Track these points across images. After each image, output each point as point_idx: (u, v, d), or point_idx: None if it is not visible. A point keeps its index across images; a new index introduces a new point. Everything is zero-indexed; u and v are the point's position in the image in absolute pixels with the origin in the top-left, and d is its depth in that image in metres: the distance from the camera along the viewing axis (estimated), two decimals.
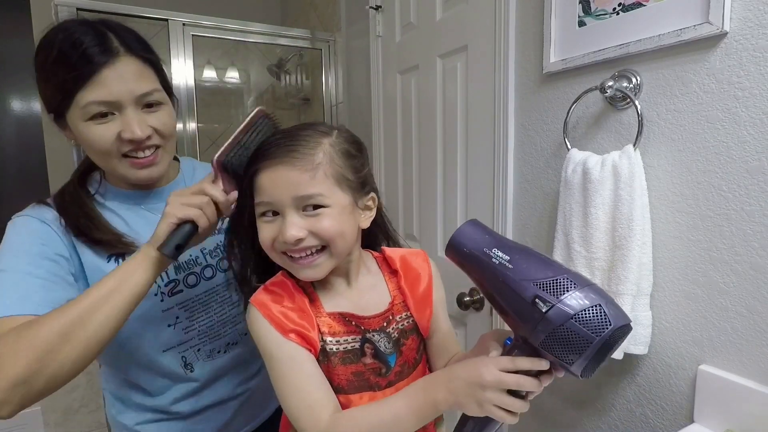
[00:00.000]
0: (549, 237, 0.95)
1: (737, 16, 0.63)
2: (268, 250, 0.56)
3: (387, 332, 0.60)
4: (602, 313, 0.43)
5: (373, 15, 1.58)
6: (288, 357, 0.55)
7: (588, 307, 0.43)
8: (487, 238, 0.51)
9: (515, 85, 1.02)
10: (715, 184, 0.67)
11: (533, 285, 0.45)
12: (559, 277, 0.45)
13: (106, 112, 0.63)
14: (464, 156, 1.21)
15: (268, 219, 0.55)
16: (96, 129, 0.63)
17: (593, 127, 0.85)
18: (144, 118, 0.65)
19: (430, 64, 1.31)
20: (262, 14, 2.72)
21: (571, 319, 0.43)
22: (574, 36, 0.85)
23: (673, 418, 0.75)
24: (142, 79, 0.65)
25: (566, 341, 0.44)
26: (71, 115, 0.64)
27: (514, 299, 0.47)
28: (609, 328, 0.43)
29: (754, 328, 0.64)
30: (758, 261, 0.63)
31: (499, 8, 1.03)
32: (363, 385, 0.57)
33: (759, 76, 0.62)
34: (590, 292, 0.45)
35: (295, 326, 0.55)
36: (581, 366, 0.45)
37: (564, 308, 0.44)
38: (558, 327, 0.44)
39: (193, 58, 1.64)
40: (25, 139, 2.22)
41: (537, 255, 0.50)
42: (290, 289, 0.58)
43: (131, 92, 0.63)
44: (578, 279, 0.46)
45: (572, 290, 0.44)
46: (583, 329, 0.43)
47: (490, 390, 0.47)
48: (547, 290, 0.45)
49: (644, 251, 0.73)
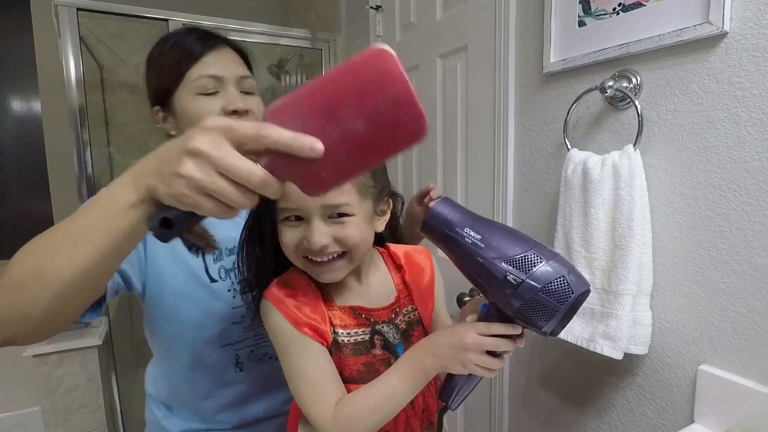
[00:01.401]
0: (549, 237, 0.95)
1: (737, 16, 0.63)
2: (290, 253, 0.57)
3: (395, 323, 0.63)
4: (565, 282, 0.49)
5: (373, 15, 1.58)
6: (302, 350, 0.57)
7: (553, 279, 0.49)
8: (458, 216, 0.54)
9: (515, 85, 1.02)
10: (715, 184, 0.67)
11: (504, 263, 0.50)
12: (527, 253, 0.50)
13: (212, 89, 0.72)
14: (464, 156, 1.21)
15: (292, 224, 0.56)
16: (203, 102, 0.72)
17: (593, 127, 0.85)
18: (246, 98, 0.75)
19: (430, 64, 1.31)
20: (262, 14, 2.71)
21: (539, 292, 0.48)
22: (574, 36, 0.85)
23: (673, 418, 0.75)
24: (240, 65, 0.77)
25: (536, 310, 0.49)
26: (180, 93, 0.72)
27: (487, 276, 0.51)
28: (572, 296, 0.48)
29: (754, 328, 0.64)
30: (758, 261, 0.63)
31: (499, 8, 1.03)
32: (373, 376, 0.59)
33: (759, 76, 0.62)
34: (555, 263, 0.50)
35: (308, 320, 0.57)
36: (550, 328, 0.51)
37: (532, 282, 0.49)
38: (528, 299, 0.49)
39: None
40: (25, 139, 2.22)
41: (506, 231, 0.53)
42: (303, 284, 0.60)
43: (233, 72, 0.74)
44: (544, 252, 0.50)
45: (539, 264, 0.49)
46: (549, 299, 0.48)
47: (471, 352, 0.52)
48: (517, 266, 0.50)
49: (644, 251, 0.73)
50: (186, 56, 0.72)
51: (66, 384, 1.45)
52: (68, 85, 1.40)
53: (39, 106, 2.20)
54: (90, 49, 2.11)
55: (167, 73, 0.73)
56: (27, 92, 2.21)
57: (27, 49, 2.15)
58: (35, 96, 2.20)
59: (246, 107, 0.73)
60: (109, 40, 2.36)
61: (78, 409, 1.48)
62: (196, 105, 0.72)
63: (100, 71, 2.33)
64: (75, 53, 1.40)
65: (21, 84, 2.20)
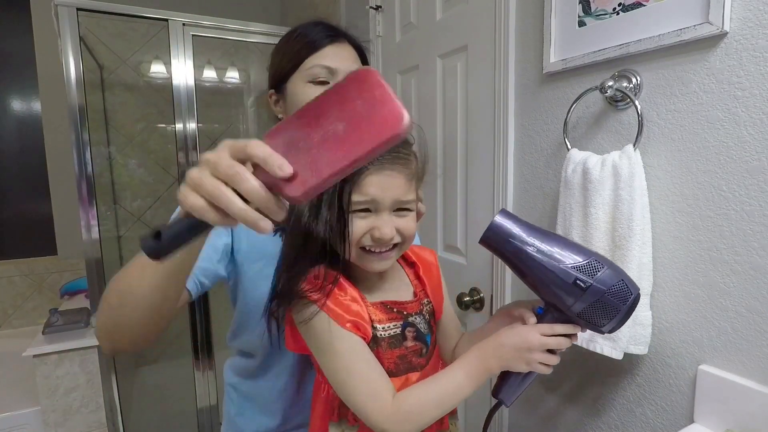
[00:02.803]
0: None
1: (737, 16, 0.63)
2: (354, 242, 0.58)
3: (422, 315, 0.66)
4: (625, 285, 0.55)
5: (373, 15, 1.58)
6: (350, 349, 0.57)
7: (615, 282, 0.54)
8: (520, 228, 0.58)
9: (515, 85, 1.02)
10: (715, 184, 0.67)
11: (572, 269, 0.55)
12: (590, 260, 0.56)
13: (323, 78, 0.75)
14: (464, 156, 1.21)
15: (362, 215, 0.58)
16: (312, 89, 0.75)
17: (593, 127, 0.85)
18: None
19: (430, 64, 1.31)
20: (262, 14, 2.72)
21: (606, 294, 0.54)
22: (574, 36, 0.85)
23: (673, 418, 0.75)
24: (356, 61, 0.80)
25: (600, 310, 0.55)
26: (294, 79, 0.77)
27: (555, 282, 0.56)
28: (631, 297, 0.54)
29: (754, 328, 0.64)
30: (758, 261, 0.63)
31: (499, 8, 1.03)
32: (407, 367, 0.62)
33: (759, 76, 0.62)
34: (614, 269, 0.55)
35: (351, 317, 0.58)
36: (611, 327, 0.56)
37: (599, 286, 0.54)
38: (594, 301, 0.55)
39: (193, 58, 1.64)
40: (25, 139, 2.22)
41: (564, 240, 0.59)
42: (340, 281, 0.60)
43: (347, 66, 0.76)
44: (603, 259, 0.56)
45: (601, 270, 0.55)
46: (613, 300, 0.54)
47: (536, 352, 0.56)
48: (583, 272, 0.55)
49: (644, 251, 0.73)
50: (307, 45, 0.77)
51: (66, 384, 1.45)
52: (68, 85, 1.40)
53: (39, 106, 2.20)
54: (90, 49, 2.11)
55: (287, 59, 0.78)
56: (27, 92, 2.21)
57: (27, 49, 2.15)
58: (35, 96, 2.20)
59: None
60: (109, 40, 2.36)
61: (78, 409, 1.48)
62: (305, 91, 0.76)
63: (100, 71, 2.33)
64: (75, 53, 1.40)
65: (21, 84, 2.20)
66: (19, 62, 2.18)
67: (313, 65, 0.76)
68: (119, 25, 2.36)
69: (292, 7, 2.61)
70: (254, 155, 0.37)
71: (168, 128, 2.45)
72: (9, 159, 2.21)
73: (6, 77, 2.18)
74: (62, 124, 1.52)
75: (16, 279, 2.21)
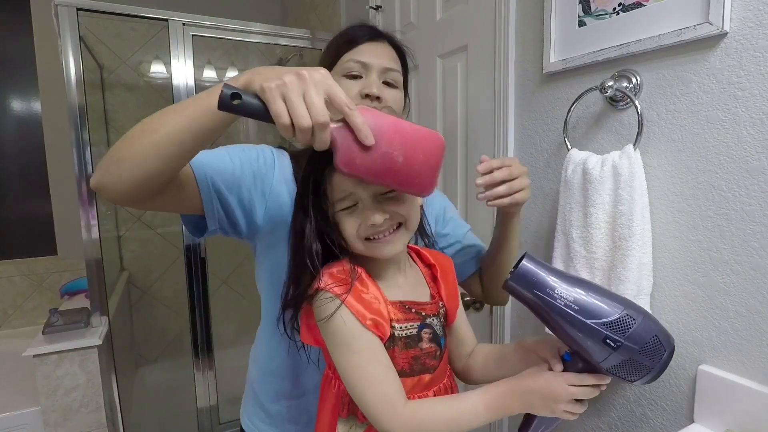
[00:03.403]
0: (549, 237, 0.95)
1: (737, 16, 0.63)
2: (353, 239, 0.59)
3: (439, 317, 0.66)
4: (658, 342, 0.52)
5: (373, 15, 1.58)
6: (366, 348, 0.56)
7: (648, 339, 0.51)
8: (545, 276, 0.55)
9: (515, 85, 1.02)
10: (715, 184, 0.67)
11: (602, 326, 0.52)
12: (623, 315, 0.52)
13: (356, 72, 0.79)
14: (464, 156, 1.21)
15: (349, 212, 0.58)
16: (347, 83, 0.79)
17: (593, 127, 0.85)
18: (382, 88, 0.80)
19: (430, 64, 1.31)
20: (262, 14, 2.72)
21: (638, 353, 0.51)
22: (574, 36, 0.85)
23: (673, 418, 0.75)
24: (392, 60, 0.82)
25: (632, 368, 0.52)
26: (333, 73, 0.80)
27: (583, 337, 0.53)
28: (665, 354, 0.52)
29: (754, 328, 0.64)
30: (758, 261, 0.63)
31: (499, 8, 1.03)
32: (421, 368, 0.61)
33: (759, 76, 0.62)
34: (647, 324, 0.52)
35: (372, 314, 0.57)
36: (643, 382, 0.54)
37: (631, 345, 0.51)
38: (626, 359, 0.52)
39: (193, 58, 1.64)
40: (25, 139, 2.22)
41: (595, 290, 0.55)
42: (363, 277, 0.60)
43: (380, 63, 0.80)
44: (636, 312, 0.52)
45: (633, 326, 0.52)
46: (645, 359, 0.52)
47: (562, 402, 0.55)
48: (614, 329, 0.52)
49: (644, 251, 0.73)
50: (346, 42, 0.81)
51: (66, 384, 1.45)
52: (68, 85, 1.40)
53: (39, 106, 2.20)
54: (90, 49, 2.11)
55: (329, 54, 0.83)
56: (27, 92, 2.21)
57: (27, 49, 2.15)
58: (35, 96, 2.20)
59: (379, 94, 0.78)
60: (109, 40, 2.36)
61: (78, 409, 1.48)
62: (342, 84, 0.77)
63: (100, 71, 2.33)
64: (75, 53, 1.40)
65: (21, 84, 2.20)
66: (19, 62, 2.18)
67: (348, 60, 0.79)
68: (119, 25, 2.36)
69: (292, 7, 2.61)
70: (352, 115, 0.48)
71: None
72: (9, 159, 2.21)
73: (6, 77, 2.18)
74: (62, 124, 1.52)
75: (16, 279, 2.21)
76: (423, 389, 0.62)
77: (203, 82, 2.53)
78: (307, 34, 1.88)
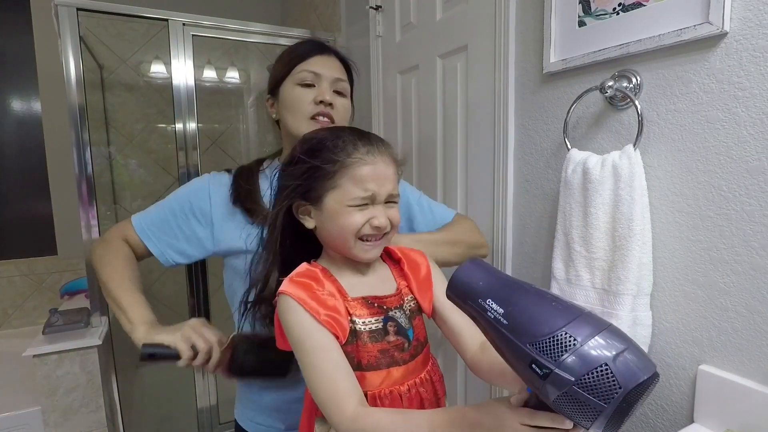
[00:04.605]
0: (549, 237, 0.95)
1: (737, 16, 0.63)
2: (352, 232, 0.62)
3: (403, 309, 0.67)
4: (609, 374, 0.37)
5: (373, 15, 1.58)
6: (318, 347, 0.58)
7: (591, 369, 0.37)
8: (481, 285, 0.46)
9: (515, 85, 1.02)
10: (715, 184, 0.67)
11: (529, 346, 0.40)
12: (558, 333, 0.39)
13: (310, 82, 0.88)
14: (464, 156, 1.21)
15: (360, 208, 0.62)
16: (301, 91, 0.88)
17: (593, 127, 0.85)
18: (334, 96, 0.90)
19: (430, 64, 1.31)
20: (262, 14, 2.72)
21: (574, 386, 0.38)
22: (574, 36, 0.85)
23: (673, 418, 0.75)
24: (340, 71, 0.93)
25: (574, 407, 0.39)
26: (286, 83, 0.90)
27: (513, 360, 0.43)
28: (619, 393, 0.36)
29: (754, 328, 0.64)
30: (758, 261, 0.63)
31: (499, 8, 1.03)
32: (389, 362, 0.63)
33: (759, 76, 0.62)
34: (597, 347, 0.38)
35: (327, 311, 0.59)
36: (599, 429, 0.39)
37: (562, 374, 0.38)
38: (561, 394, 0.39)
39: (193, 58, 1.63)
40: (25, 139, 2.22)
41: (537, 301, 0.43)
42: (319, 277, 0.63)
43: (331, 74, 0.90)
44: (581, 330, 0.39)
45: (572, 349, 0.38)
46: (588, 396, 0.37)
47: None
48: (545, 352, 0.39)
49: (644, 251, 0.73)
50: (298, 55, 0.90)
51: (66, 384, 1.45)
52: (68, 85, 1.40)
53: (39, 106, 2.19)
54: (90, 49, 2.11)
55: (281, 67, 0.91)
56: (27, 92, 2.21)
57: (27, 49, 2.15)
58: (35, 96, 2.20)
59: (332, 101, 0.88)
60: (109, 40, 2.36)
61: (78, 409, 1.48)
62: (294, 93, 0.88)
63: (100, 71, 2.33)
64: (75, 53, 1.40)
65: (21, 84, 2.20)
66: (19, 62, 2.18)
67: (302, 70, 0.88)
68: (119, 25, 2.36)
69: (292, 7, 2.61)
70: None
71: (168, 128, 2.45)
72: (9, 159, 2.21)
73: (6, 77, 2.18)
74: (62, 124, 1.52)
75: (16, 279, 2.20)
76: (394, 383, 0.62)
77: (203, 82, 2.53)
78: (307, 34, 1.88)
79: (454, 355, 1.26)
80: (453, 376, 1.26)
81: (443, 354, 1.30)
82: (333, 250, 0.67)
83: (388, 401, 0.61)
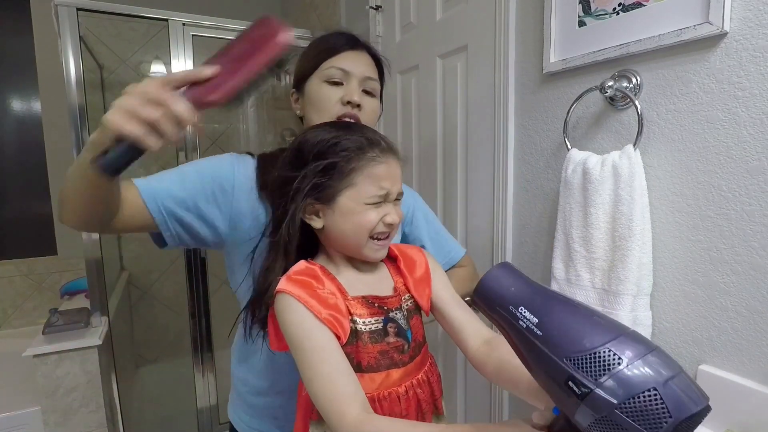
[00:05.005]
0: (549, 237, 0.95)
1: (737, 16, 0.63)
2: (367, 231, 0.62)
3: (402, 310, 0.66)
4: (659, 400, 0.32)
5: (373, 15, 1.58)
6: (319, 347, 0.56)
7: (638, 393, 0.33)
8: (513, 291, 0.42)
9: (515, 85, 1.02)
10: (715, 184, 0.67)
11: (566, 360, 0.36)
12: (600, 350, 0.34)
13: (337, 79, 0.81)
14: (464, 156, 1.21)
15: (376, 206, 0.62)
16: (328, 89, 0.81)
17: (593, 127, 0.85)
18: (362, 96, 0.82)
19: (430, 64, 1.31)
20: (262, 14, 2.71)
21: (616, 410, 0.33)
22: (574, 36, 0.85)
23: None
24: (371, 69, 0.85)
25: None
26: (313, 79, 0.82)
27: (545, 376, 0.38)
28: (669, 423, 0.32)
29: (754, 328, 0.64)
30: (758, 261, 0.63)
31: (499, 8, 1.03)
32: (388, 363, 0.61)
33: (759, 76, 0.62)
34: (644, 367, 0.34)
35: (328, 309, 0.58)
36: None
37: (604, 396, 0.33)
38: (600, 418, 0.34)
39: (193, 58, 1.64)
40: (25, 139, 2.22)
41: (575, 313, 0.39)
42: (319, 275, 0.62)
43: (361, 72, 0.82)
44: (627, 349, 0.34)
45: (616, 368, 0.34)
46: (632, 423, 0.32)
47: None
48: (584, 369, 0.35)
49: (644, 251, 0.73)
50: (326, 49, 0.83)
51: (66, 384, 1.45)
52: (68, 85, 1.40)
53: (39, 106, 2.20)
54: (90, 49, 2.11)
55: (308, 61, 0.84)
56: (27, 92, 2.21)
57: (27, 49, 2.15)
58: (35, 96, 2.20)
59: (360, 101, 0.81)
60: (109, 40, 2.36)
61: (78, 409, 1.48)
62: (321, 90, 0.81)
63: (100, 71, 2.33)
64: (75, 53, 1.40)
65: (21, 84, 2.20)
66: (19, 62, 2.18)
67: (329, 67, 0.81)
68: (119, 25, 2.36)
69: (292, 7, 2.61)
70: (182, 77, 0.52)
71: None
72: (9, 159, 2.21)
73: (6, 77, 2.18)
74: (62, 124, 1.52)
75: (16, 279, 2.21)
76: (392, 385, 0.61)
77: None
78: (307, 34, 1.88)
79: (453, 355, 1.27)
80: (453, 376, 1.27)
81: (443, 354, 1.30)
82: (339, 250, 0.66)
83: (387, 403, 0.60)
